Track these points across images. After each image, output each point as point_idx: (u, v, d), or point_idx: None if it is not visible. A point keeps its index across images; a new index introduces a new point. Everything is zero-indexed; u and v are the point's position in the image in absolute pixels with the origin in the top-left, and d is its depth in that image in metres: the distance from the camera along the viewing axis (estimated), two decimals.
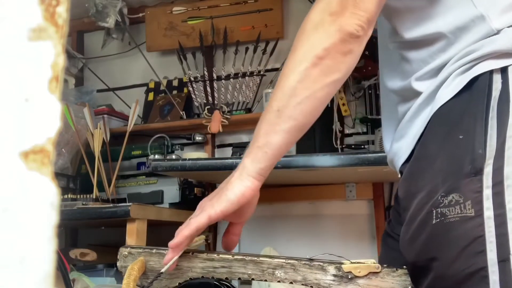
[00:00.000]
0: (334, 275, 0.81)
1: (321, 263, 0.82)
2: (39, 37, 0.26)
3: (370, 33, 0.78)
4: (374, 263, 0.81)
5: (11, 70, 0.25)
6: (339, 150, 2.51)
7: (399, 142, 0.85)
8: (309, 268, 0.82)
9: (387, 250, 0.95)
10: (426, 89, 0.79)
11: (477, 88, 0.72)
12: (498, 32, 0.74)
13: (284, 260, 0.83)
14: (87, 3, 2.77)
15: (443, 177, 0.71)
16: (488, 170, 0.68)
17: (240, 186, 0.79)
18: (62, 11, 0.27)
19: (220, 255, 0.85)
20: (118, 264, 0.89)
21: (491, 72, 0.72)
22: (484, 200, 0.67)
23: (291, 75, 0.78)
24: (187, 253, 0.86)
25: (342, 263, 0.81)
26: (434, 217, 0.71)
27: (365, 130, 2.58)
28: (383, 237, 0.98)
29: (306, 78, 0.76)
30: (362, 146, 2.54)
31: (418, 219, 0.73)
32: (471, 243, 0.67)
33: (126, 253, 0.89)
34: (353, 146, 2.56)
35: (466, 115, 0.72)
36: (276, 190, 2.62)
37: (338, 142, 2.54)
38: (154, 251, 0.88)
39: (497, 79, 0.72)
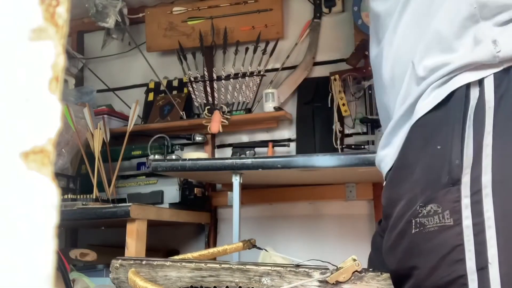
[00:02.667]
0: (320, 281, 0.81)
1: (307, 270, 0.83)
2: (40, 37, 0.26)
3: None
4: (354, 259, 0.81)
5: (11, 70, 0.25)
6: (339, 150, 2.51)
7: (384, 150, 0.86)
8: (295, 274, 0.83)
9: (376, 251, 0.95)
10: (408, 98, 0.79)
11: (454, 99, 0.73)
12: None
13: (270, 268, 0.84)
14: (87, 3, 2.77)
15: (421, 187, 0.72)
16: (466, 179, 0.68)
17: None
18: (62, 11, 0.27)
19: (208, 265, 0.86)
20: (110, 276, 0.90)
21: (468, 85, 0.72)
22: (463, 209, 0.68)
23: None
24: (176, 263, 0.87)
25: (327, 269, 0.82)
26: (413, 226, 0.72)
27: (365, 130, 2.58)
28: (373, 237, 0.99)
29: None
30: (362, 146, 2.54)
31: (398, 227, 0.74)
32: (450, 251, 0.68)
33: (117, 265, 0.90)
34: (353, 146, 2.56)
35: (444, 125, 0.72)
36: (276, 190, 2.62)
37: (338, 142, 2.54)
38: (144, 262, 0.89)
39: (474, 90, 0.72)
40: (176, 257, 0.96)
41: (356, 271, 0.81)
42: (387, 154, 0.85)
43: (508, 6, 0.72)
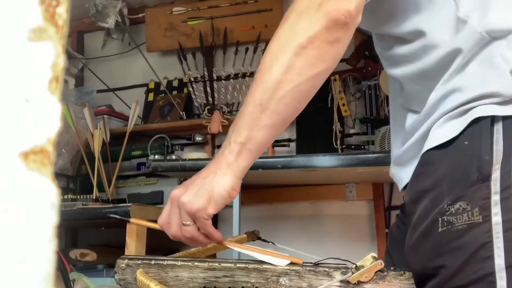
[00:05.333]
0: (341, 281, 0.78)
1: (327, 269, 0.79)
2: (39, 38, 0.26)
3: (358, 21, 0.73)
4: (374, 257, 0.78)
5: (11, 70, 0.26)
6: (339, 150, 2.51)
7: (400, 170, 0.85)
8: (315, 274, 0.79)
9: (393, 244, 0.93)
10: (422, 126, 0.78)
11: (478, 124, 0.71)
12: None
13: (288, 267, 0.80)
14: (87, 3, 2.77)
15: (449, 184, 0.70)
16: (496, 175, 0.67)
17: (229, 188, 0.74)
18: (62, 11, 0.27)
19: (222, 264, 0.81)
20: (116, 277, 0.83)
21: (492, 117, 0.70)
22: (492, 206, 0.66)
23: (274, 66, 0.73)
24: (188, 263, 0.82)
25: (347, 268, 0.78)
26: (439, 225, 0.69)
27: (365, 130, 2.58)
28: (390, 230, 0.97)
29: (290, 69, 0.71)
30: (362, 147, 2.54)
31: (422, 226, 0.72)
32: (478, 249, 0.66)
33: (123, 265, 0.83)
34: (353, 147, 2.56)
35: (470, 123, 0.70)
36: (276, 190, 2.62)
37: (338, 142, 2.54)
38: (153, 262, 0.83)
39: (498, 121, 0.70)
40: (178, 253, 0.92)
41: (379, 270, 0.77)
42: (402, 175, 0.84)
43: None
